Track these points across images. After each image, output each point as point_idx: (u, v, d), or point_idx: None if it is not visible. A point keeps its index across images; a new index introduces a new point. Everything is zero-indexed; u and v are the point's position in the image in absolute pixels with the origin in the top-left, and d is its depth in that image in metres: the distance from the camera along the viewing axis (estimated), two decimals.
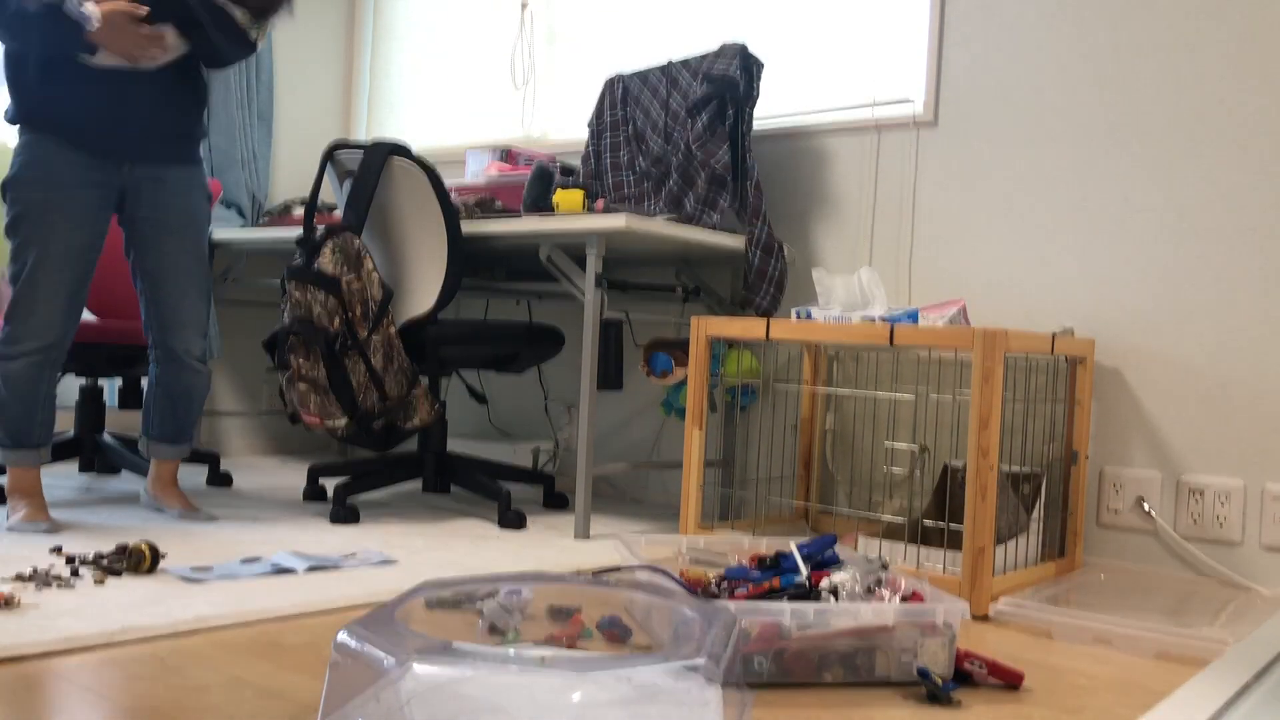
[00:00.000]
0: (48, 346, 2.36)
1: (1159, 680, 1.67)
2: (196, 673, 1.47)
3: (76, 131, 2.37)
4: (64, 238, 2.36)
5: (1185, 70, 2.44)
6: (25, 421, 2.38)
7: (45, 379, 2.39)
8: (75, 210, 2.37)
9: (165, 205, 2.48)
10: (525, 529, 2.71)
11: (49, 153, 2.36)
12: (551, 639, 1.52)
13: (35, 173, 2.35)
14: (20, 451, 2.39)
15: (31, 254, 2.34)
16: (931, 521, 2.38)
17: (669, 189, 3.01)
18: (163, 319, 2.52)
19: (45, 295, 2.35)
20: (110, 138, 2.40)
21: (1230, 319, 2.37)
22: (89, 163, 2.39)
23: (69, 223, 2.36)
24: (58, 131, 2.36)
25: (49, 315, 2.35)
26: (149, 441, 2.63)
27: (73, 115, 2.36)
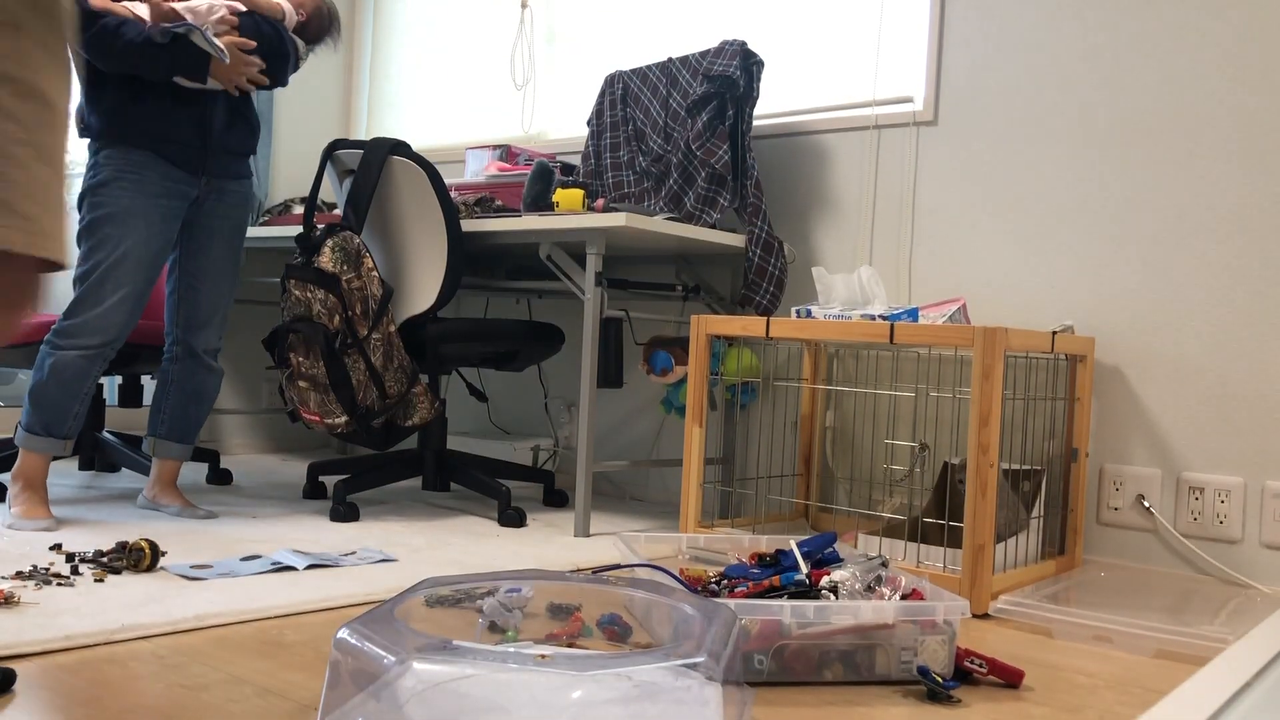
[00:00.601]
0: (103, 344, 2.44)
1: (1159, 679, 1.67)
2: (196, 671, 1.47)
3: (168, 146, 2.50)
4: (143, 242, 2.46)
5: (1185, 70, 2.44)
6: (62, 412, 2.43)
7: (93, 374, 2.45)
8: (157, 218, 2.49)
9: (222, 214, 2.64)
10: (525, 527, 2.71)
11: (141, 164, 2.47)
12: (551, 637, 1.52)
13: (128, 180, 2.46)
14: (48, 439, 2.44)
15: (107, 254, 2.43)
16: (931, 519, 2.38)
17: (669, 187, 3.01)
18: (193, 319, 2.64)
19: (113, 294, 2.43)
20: (195, 152, 2.54)
21: (1230, 317, 2.37)
22: (176, 175, 2.52)
23: (150, 229, 2.48)
24: (151, 145, 2.48)
25: (112, 314, 2.43)
26: (157, 441, 2.65)
27: (165, 131, 2.49)
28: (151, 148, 2.48)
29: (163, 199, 2.50)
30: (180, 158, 2.52)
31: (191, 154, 2.54)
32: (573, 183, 3.10)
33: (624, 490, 3.40)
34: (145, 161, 2.48)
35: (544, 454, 3.56)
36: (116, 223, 2.44)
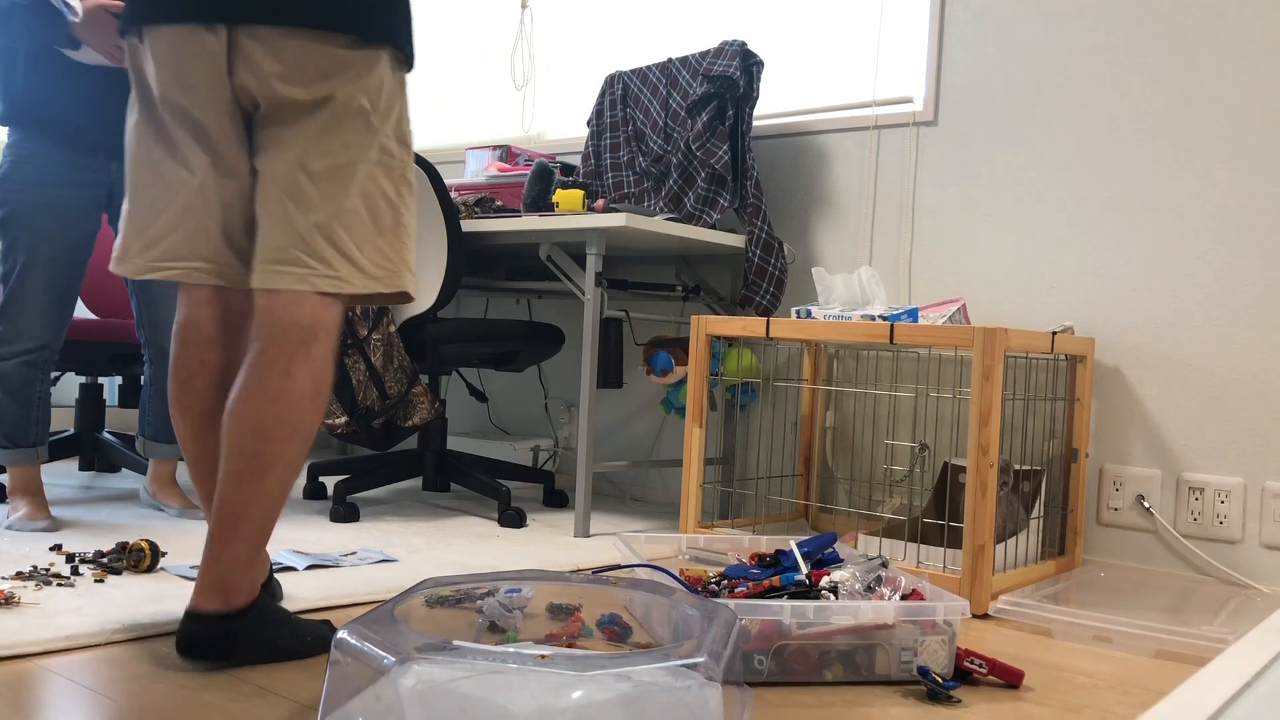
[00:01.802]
0: (40, 347, 2.38)
1: (1159, 679, 1.67)
2: (196, 671, 1.47)
3: (64, 129, 2.37)
4: (54, 238, 2.37)
5: (1185, 70, 2.44)
6: (22, 422, 2.40)
7: (39, 379, 2.40)
8: (65, 210, 2.38)
9: None
10: (525, 527, 2.71)
11: (37, 152, 2.36)
12: (551, 637, 1.52)
13: (24, 172, 2.35)
14: (18, 451, 2.41)
15: (21, 255, 2.35)
16: (931, 519, 2.38)
17: (669, 188, 3.01)
18: (154, 318, 2.54)
19: (36, 296, 2.35)
20: (98, 135, 2.41)
21: (1230, 318, 2.37)
22: (78, 161, 2.40)
23: (58, 223, 2.37)
24: (46, 129, 2.37)
25: (41, 316, 2.36)
26: (145, 441, 2.64)
27: (60, 112, 2.36)
28: (44, 131, 2.35)
29: (69, 189, 2.37)
30: (77, 141, 2.38)
31: (89, 136, 2.39)
32: (573, 183, 3.10)
33: (624, 490, 3.40)
34: (40, 148, 2.35)
35: (544, 454, 3.56)
36: (23, 221, 2.34)
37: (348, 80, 1.59)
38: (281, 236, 1.56)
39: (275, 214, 1.57)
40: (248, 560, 1.52)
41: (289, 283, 1.54)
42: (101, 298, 3.34)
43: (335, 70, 1.58)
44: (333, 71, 1.58)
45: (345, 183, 1.58)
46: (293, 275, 1.55)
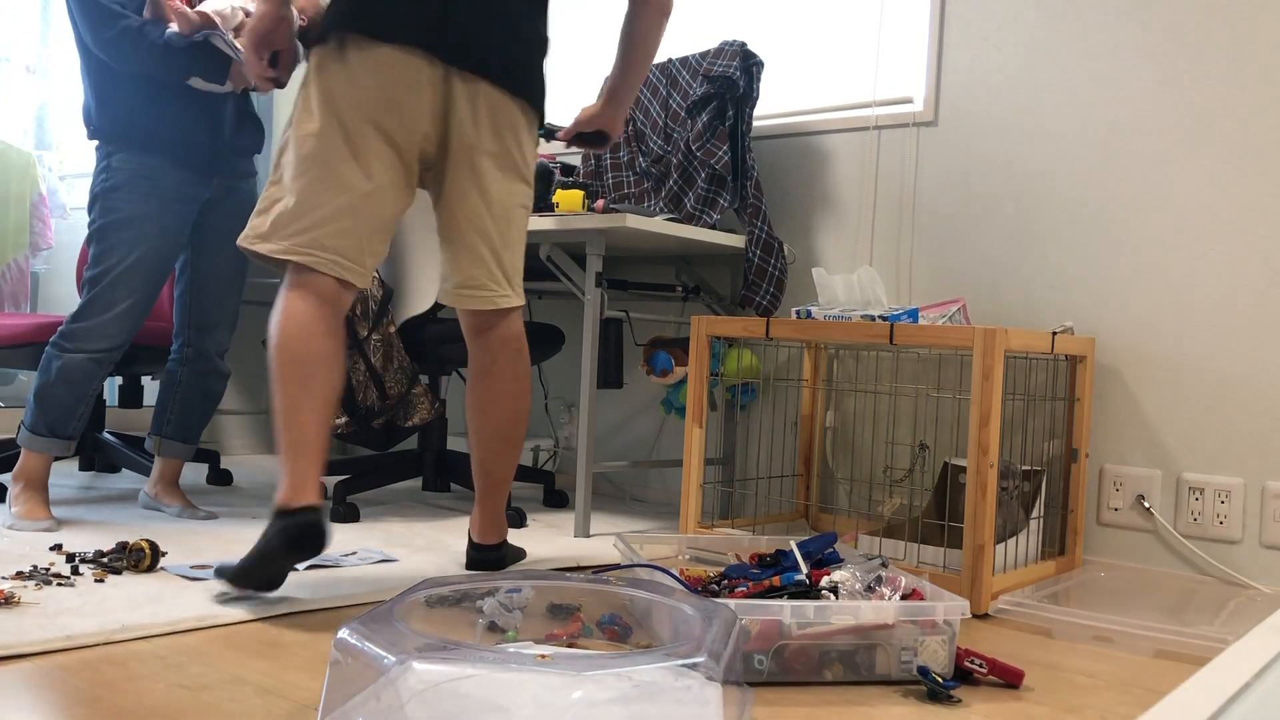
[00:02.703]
0: (112, 348, 2.44)
1: (1159, 679, 1.67)
2: (196, 671, 1.47)
3: (181, 149, 2.49)
4: (155, 248, 2.46)
5: (1185, 70, 2.44)
6: (68, 414, 2.43)
7: (100, 377, 2.46)
8: (169, 222, 2.49)
9: (233, 215, 2.62)
10: (525, 527, 2.71)
11: (155, 168, 2.47)
12: (551, 637, 1.52)
13: (142, 185, 2.45)
14: (52, 440, 2.44)
15: (119, 260, 2.43)
16: (931, 519, 2.38)
17: (669, 188, 3.01)
18: (203, 320, 2.64)
19: (124, 300, 2.43)
20: (206, 154, 2.54)
21: (1230, 318, 2.37)
22: (188, 179, 2.52)
23: (162, 234, 2.47)
24: (164, 149, 2.48)
25: (122, 319, 2.44)
26: (161, 440, 2.65)
27: (178, 134, 2.49)
28: (165, 151, 2.48)
29: (176, 203, 2.49)
30: (193, 160, 2.52)
31: (204, 156, 2.53)
32: (573, 183, 3.10)
33: (624, 490, 3.40)
34: (159, 165, 2.47)
35: (544, 454, 3.56)
36: (130, 228, 2.44)
37: (520, 138, 1.97)
38: (473, 267, 1.97)
39: (469, 247, 1.96)
40: (504, 508, 2.16)
41: (485, 304, 1.98)
42: None
43: (516, 128, 1.95)
44: (515, 129, 1.95)
45: (513, 224, 2.00)
46: (484, 298, 1.98)
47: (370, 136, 1.84)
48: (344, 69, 1.84)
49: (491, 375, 2.04)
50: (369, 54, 1.83)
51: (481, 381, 2.05)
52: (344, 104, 1.84)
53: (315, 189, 1.84)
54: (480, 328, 2.03)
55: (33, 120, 4.29)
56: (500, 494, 2.13)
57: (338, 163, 1.84)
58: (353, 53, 1.83)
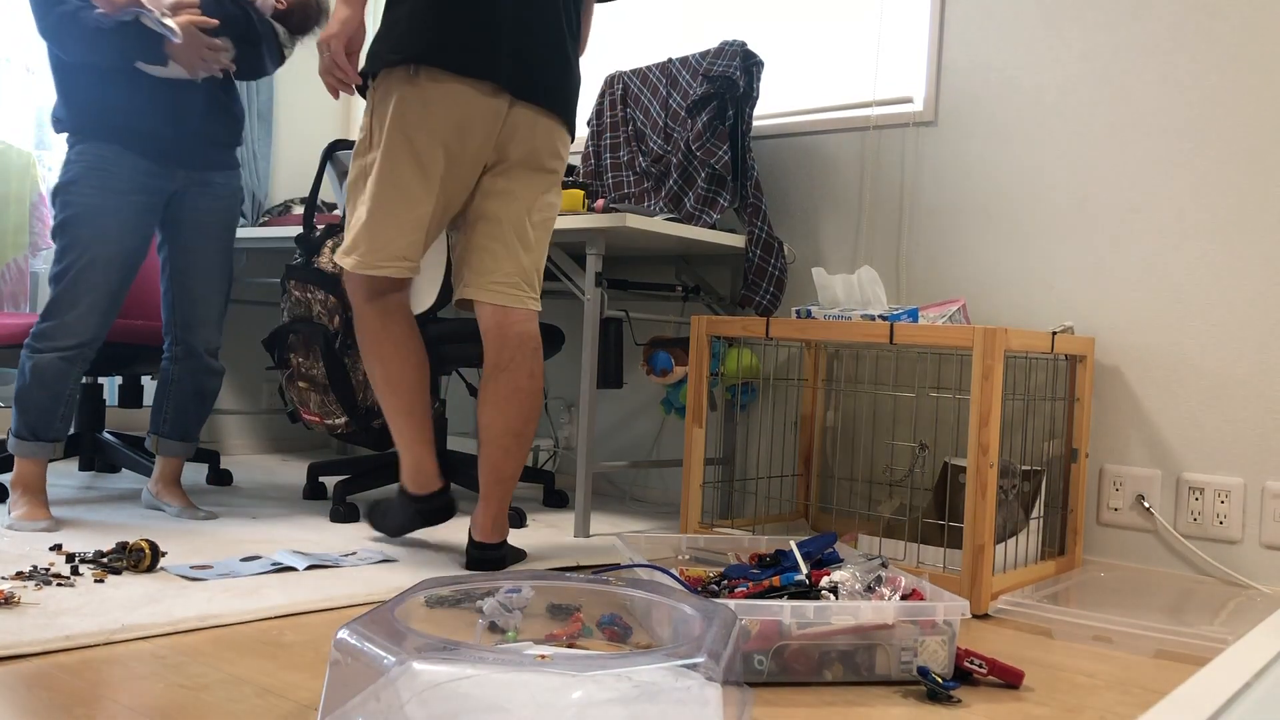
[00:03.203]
0: (81, 345, 2.41)
1: (1159, 679, 1.67)
2: (196, 671, 1.47)
3: (137, 139, 2.44)
4: (116, 241, 2.42)
5: (1185, 70, 2.44)
6: (48, 415, 2.42)
7: (73, 375, 2.43)
8: (129, 215, 2.44)
9: (207, 209, 2.58)
10: (525, 527, 2.71)
11: (109, 159, 2.42)
12: (551, 637, 1.52)
13: (95, 177, 2.40)
14: (37, 444, 2.42)
15: (81, 255, 2.39)
16: (931, 519, 2.38)
17: (669, 188, 3.01)
18: (190, 317, 2.60)
19: (88, 295, 2.40)
20: (168, 144, 2.48)
21: (1230, 318, 2.37)
22: (148, 169, 2.46)
23: (122, 227, 2.43)
24: (119, 139, 2.43)
25: (88, 315, 2.40)
26: (159, 439, 2.64)
27: (134, 123, 2.43)
28: (119, 141, 2.41)
29: (134, 195, 2.43)
30: (151, 150, 2.45)
31: (163, 145, 2.47)
32: (573, 183, 3.10)
33: (624, 490, 3.40)
34: (114, 156, 2.41)
35: (544, 454, 3.56)
36: (85, 223, 2.38)
37: (561, 158, 2.22)
38: (511, 266, 2.16)
39: (510, 247, 2.16)
40: (507, 507, 2.22)
41: (516, 301, 2.16)
42: None
43: (559, 151, 2.21)
44: (559, 151, 2.21)
45: (546, 232, 2.22)
46: (516, 296, 2.16)
47: (439, 158, 2.09)
48: (418, 95, 2.06)
49: (509, 371, 2.15)
50: (444, 85, 2.06)
51: (497, 377, 2.15)
52: (416, 129, 2.07)
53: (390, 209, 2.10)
54: (502, 325, 2.16)
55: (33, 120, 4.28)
56: (506, 493, 2.19)
57: (409, 182, 2.09)
58: (427, 82, 2.06)
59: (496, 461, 2.16)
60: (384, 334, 2.19)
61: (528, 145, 2.15)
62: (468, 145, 2.10)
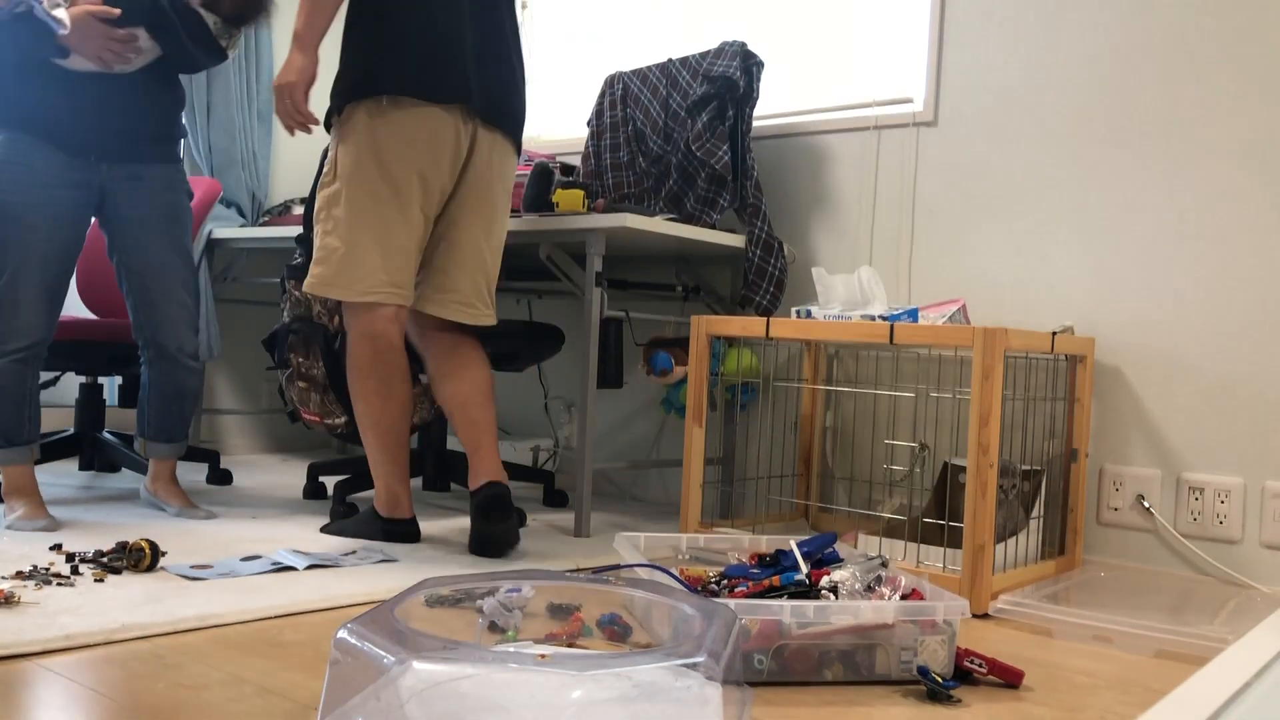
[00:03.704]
0: (31, 345, 2.38)
1: (1159, 678, 1.67)
2: (196, 670, 1.47)
3: (54, 131, 2.39)
4: (47, 237, 2.37)
5: (1185, 70, 2.44)
6: (14, 420, 2.40)
7: (30, 376, 2.40)
8: (56, 210, 2.39)
9: (146, 204, 2.51)
10: (525, 527, 2.71)
11: (27, 152, 2.37)
12: (551, 637, 1.52)
13: (14, 172, 2.36)
14: (11, 450, 2.41)
15: (13, 254, 2.35)
16: (931, 519, 2.38)
17: (669, 188, 3.01)
18: (153, 318, 2.53)
19: (28, 296, 2.36)
20: (88, 136, 2.42)
21: (1230, 317, 2.37)
22: (68, 162, 2.41)
23: (50, 223, 2.38)
24: (35, 131, 2.38)
25: (33, 315, 2.37)
26: (145, 441, 2.64)
27: (50, 115, 2.38)
28: (37, 132, 2.37)
29: (60, 189, 2.38)
30: (69, 143, 2.40)
31: (81, 138, 2.41)
32: (573, 183, 3.10)
33: (624, 490, 3.40)
34: (32, 148, 2.36)
35: (544, 454, 3.56)
36: (17, 221, 2.34)
37: (511, 181, 2.40)
38: (468, 286, 2.35)
39: (469, 268, 2.34)
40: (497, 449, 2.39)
41: (474, 319, 2.37)
42: (101, 297, 3.34)
43: (511, 171, 2.38)
44: (510, 172, 2.38)
45: (500, 251, 2.41)
46: (474, 314, 2.37)
47: (414, 184, 2.22)
48: (389, 125, 2.19)
49: (460, 349, 2.37)
50: (418, 112, 2.19)
51: (451, 356, 2.36)
52: (393, 159, 2.20)
53: (372, 236, 2.21)
54: (450, 331, 2.39)
55: None
56: (495, 440, 2.37)
57: (390, 211, 2.21)
58: (397, 111, 2.19)
59: (477, 416, 2.34)
60: (371, 372, 2.28)
61: (487, 168, 2.31)
62: (439, 168, 2.24)
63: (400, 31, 2.21)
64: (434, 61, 2.21)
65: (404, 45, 2.20)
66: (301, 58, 2.22)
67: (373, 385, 2.28)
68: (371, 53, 2.21)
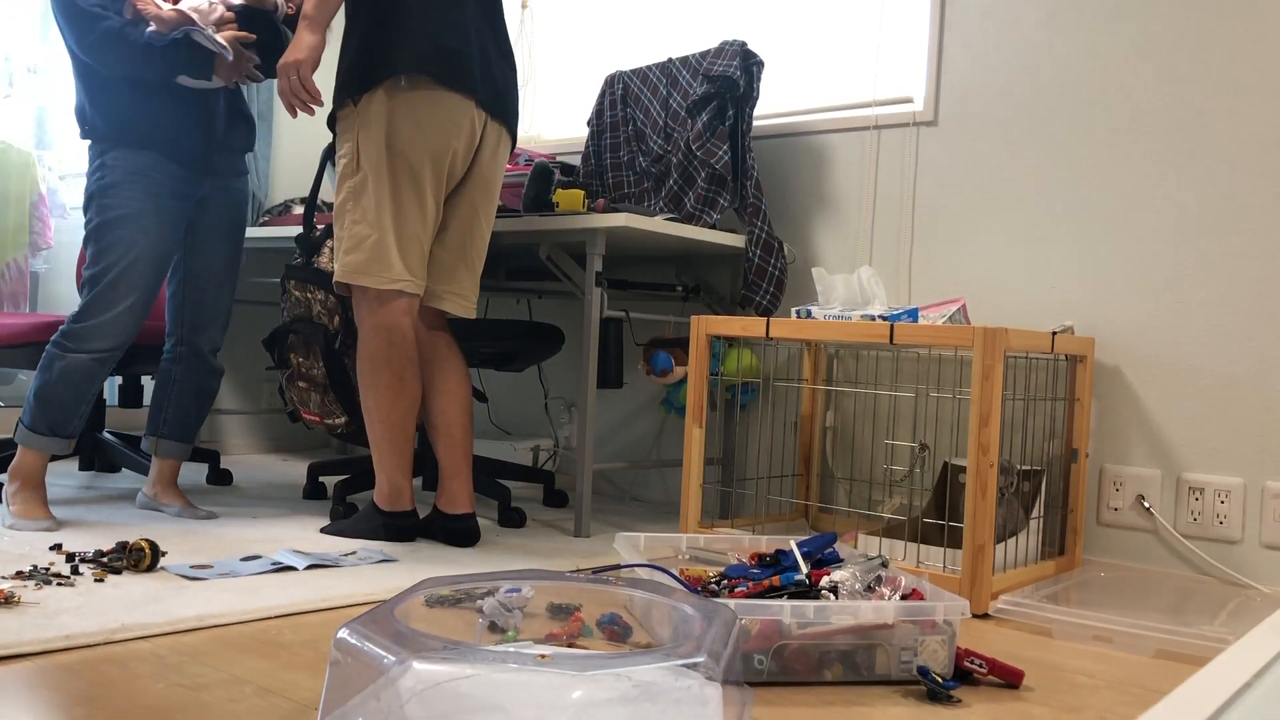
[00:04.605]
0: (115, 347, 2.45)
1: (1159, 679, 1.67)
2: (196, 670, 1.47)
3: (169, 145, 2.50)
4: (155, 244, 2.47)
5: (1185, 70, 2.44)
6: (70, 413, 2.44)
7: (101, 376, 2.46)
8: (167, 219, 2.50)
9: (224, 213, 2.65)
10: (525, 527, 2.71)
11: (148, 165, 2.47)
12: (551, 637, 1.52)
13: (136, 183, 2.45)
14: (53, 439, 2.44)
15: (120, 258, 2.43)
16: (931, 519, 2.38)
17: (669, 188, 3.01)
18: (198, 318, 2.65)
19: (125, 298, 2.43)
20: (200, 152, 2.55)
21: (1230, 317, 2.37)
22: (183, 175, 2.53)
23: (161, 231, 2.48)
24: (156, 146, 2.48)
25: (126, 317, 2.44)
26: (158, 440, 2.65)
27: (166, 131, 2.50)
28: (159, 149, 2.48)
29: (171, 200, 2.50)
30: (187, 157, 2.53)
31: (197, 153, 2.54)
32: (573, 183, 3.10)
33: (624, 490, 3.40)
34: (153, 163, 2.48)
35: (544, 454, 3.56)
36: (128, 225, 2.44)
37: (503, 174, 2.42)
38: (467, 279, 2.41)
39: (471, 261, 2.40)
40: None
41: (467, 312, 2.43)
42: None
43: (504, 167, 2.41)
44: (504, 168, 2.40)
45: (486, 244, 2.43)
46: (466, 306, 2.43)
47: (429, 171, 2.25)
48: (407, 111, 2.20)
49: (450, 362, 2.41)
50: (435, 97, 2.21)
51: (442, 369, 2.40)
52: (408, 146, 2.21)
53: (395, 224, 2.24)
54: (438, 332, 2.43)
55: (33, 120, 4.28)
56: (471, 458, 2.45)
57: (409, 199, 2.24)
58: (415, 94, 2.20)
59: (460, 439, 2.41)
60: (385, 365, 2.29)
61: (490, 161, 2.35)
62: (454, 153, 2.27)
63: (414, 18, 2.23)
64: (447, 50, 2.23)
65: (419, 30, 2.22)
66: (311, 36, 2.23)
67: (386, 379, 2.29)
68: (386, 38, 2.22)
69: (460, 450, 2.41)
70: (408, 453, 2.38)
